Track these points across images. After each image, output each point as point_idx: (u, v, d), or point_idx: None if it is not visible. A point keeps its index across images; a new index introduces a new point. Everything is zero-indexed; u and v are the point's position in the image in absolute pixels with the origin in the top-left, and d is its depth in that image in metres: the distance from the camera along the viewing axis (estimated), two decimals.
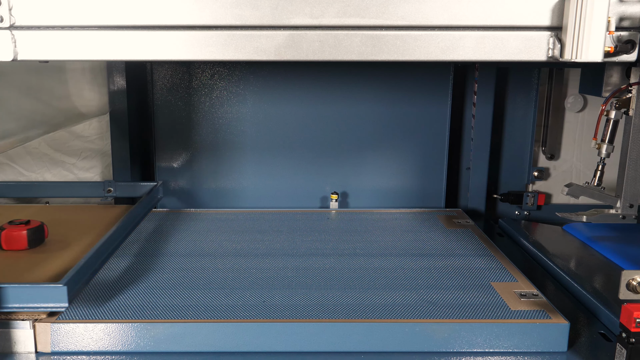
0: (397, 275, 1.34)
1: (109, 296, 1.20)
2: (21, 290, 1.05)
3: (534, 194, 1.98)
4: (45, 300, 1.05)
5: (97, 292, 1.22)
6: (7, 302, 1.05)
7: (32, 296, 1.05)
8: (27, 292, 1.05)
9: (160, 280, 1.29)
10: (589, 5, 0.98)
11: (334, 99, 1.90)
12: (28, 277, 1.23)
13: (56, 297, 1.05)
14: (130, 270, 1.35)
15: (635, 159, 1.54)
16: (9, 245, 1.37)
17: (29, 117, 1.61)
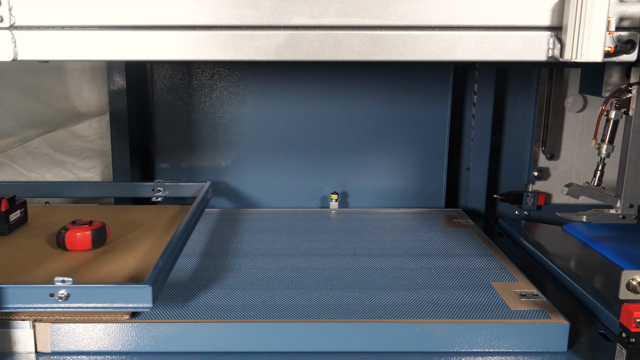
0: (397, 275, 1.34)
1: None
2: (107, 290, 1.06)
3: (534, 194, 1.98)
4: (129, 300, 1.06)
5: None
6: (96, 301, 1.05)
7: (117, 296, 1.05)
8: (113, 292, 1.06)
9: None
10: (589, 5, 0.98)
11: (334, 99, 1.90)
12: (98, 278, 1.23)
13: (141, 297, 1.05)
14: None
15: (635, 159, 1.54)
16: (73, 245, 1.37)
17: (29, 117, 1.61)
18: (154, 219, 1.65)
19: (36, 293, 1.04)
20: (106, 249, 1.40)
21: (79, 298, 1.05)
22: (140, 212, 1.74)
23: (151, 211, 1.74)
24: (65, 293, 1.04)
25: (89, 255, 1.36)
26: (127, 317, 1.09)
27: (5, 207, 1.48)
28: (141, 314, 1.12)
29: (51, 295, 1.04)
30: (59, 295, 1.04)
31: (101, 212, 1.76)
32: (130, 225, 1.57)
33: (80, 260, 1.34)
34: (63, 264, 1.31)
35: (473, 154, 1.92)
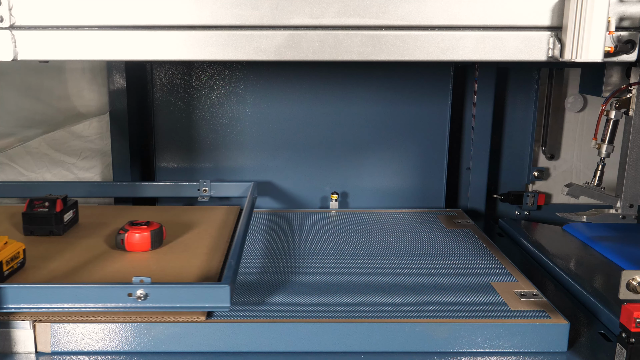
0: (397, 275, 1.34)
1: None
2: (186, 290, 1.06)
3: (534, 194, 1.98)
4: (207, 300, 1.06)
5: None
6: (174, 301, 1.05)
7: (195, 296, 1.06)
8: (191, 292, 1.06)
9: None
10: (589, 5, 0.98)
11: (334, 99, 1.90)
12: (163, 279, 1.23)
13: (219, 297, 1.05)
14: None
15: (635, 159, 1.54)
16: (132, 246, 1.38)
17: (29, 117, 1.61)
18: (204, 220, 1.65)
19: (114, 293, 1.05)
20: (164, 250, 1.41)
21: (157, 298, 1.05)
22: (188, 212, 1.74)
23: (199, 212, 1.74)
24: (143, 293, 1.04)
25: (148, 256, 1.37)
26: (203, 317, 1.09)
27: (60, 207, 1.48)
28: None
29: (129, 295, 1.04)
30: (138, 295, 1.04)
31: (146, 212, 1.74)
32: (181, 226, 1.56)
33: (141, 261, 1.34)
34: (124, 264, 1.32)
35: (473, 154, 1.92)
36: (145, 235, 1.38)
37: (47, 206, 1.47)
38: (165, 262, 1.33)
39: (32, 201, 1.48)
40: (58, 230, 1.48)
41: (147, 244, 1.38)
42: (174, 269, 1.30)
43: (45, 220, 1.47)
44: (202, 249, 1.41)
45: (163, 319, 1.08)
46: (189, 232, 1.54)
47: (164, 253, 1.39)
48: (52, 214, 1.46)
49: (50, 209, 1.46)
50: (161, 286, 1.06)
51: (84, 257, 1.34)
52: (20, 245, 1.24)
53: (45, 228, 1.47)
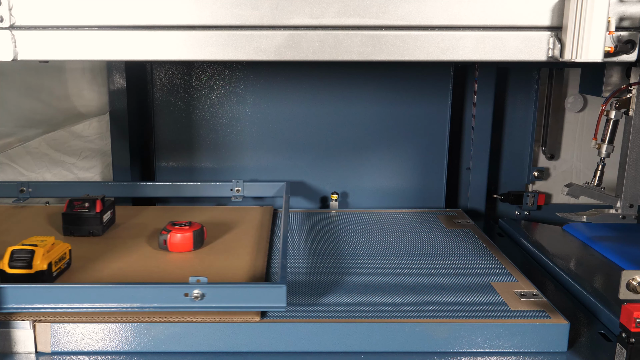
0: (397, 275, 1.34)
1: None
2: (242, 290, 1.07)
3: (534, 194, 1.98)
4: (264, 300, 1.07)
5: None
6: (230, 301, 1.06)
7: (252, 296, 1.06)
8: (248, 292, 1.07)
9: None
10: (589, 5, 0.98)
11: (334, 99, 1.90)
12: (211, 279, 1.21)
13: (275, 297, 1.06)
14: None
15: (635, 159, 1.54)
16: (175, 247, 1.38)
17: (29, 117, 1.61)
18: (240, 220, 1.65)
19: (171, 293, 1.05)
20: (206, 250, 1.41)
21: (213, 298, 1.05)
22: (223, 212, 1.74)
23: (234, 212, 1.74)
24: (200, 293, 1.04)
25: (191, 257, 1.37)
26: (257, 318, 1.09)
27: (99, 207, 1.48)
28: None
29: (185, 295, 1.04)
30: (195, 295, 1.04)
31: (180, 212, 1.74)
32: (217, 226, 1.56)
33: (184, 261, 1.35)
34: (168, 265, 1.32)
35: (473, 154, 1.92)
36: (187, 235, 1.38)
37: (87, 207, 1.47)
38: (209, 263, 1.34)
39: (71, 201, 1.48)
40: (98, 230, 1.49)
41: (189, 245, 1.39)
42: (218, 269, 1.30)
43: (86, 221, 1.47)
44: (243, 249, 1.42)
45: (218, 319, 1.08)
46: (227, 232, 1.54)
47: (206, 253, 1.39)
48: (92, 214, 1.47)
49: (90, 209, 1.47)
50: (218, 286, 1.07)
51: (128, 258, 1.35)
52: (67, 246, 1.25)
53: (85, 228, 1.48)
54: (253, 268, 1.31)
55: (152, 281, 1.21)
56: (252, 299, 1.06)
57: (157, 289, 1.06)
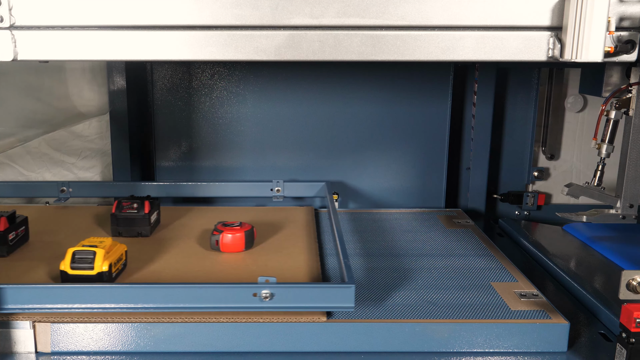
0: (397, 275, 1.33)
1: None
2: (311, 290, 1.07)
3: (534, 194, 1.98)
4: (332, 300, 1.07)
5: None
6: (299, 301, 1.07)
7: (320, 296, 1.07)
8: (317, 292, 1.07)
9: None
10: (589, 5, 0.98)
11: (334, 99, 1.90)
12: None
13: (344, 297, 1.06)
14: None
15: (635, 159, 1.54)
16: (227, 247, 1.38)
17: (29, 117, 1.61)
18: (285, 220, 1.65)
19: (240, 293, 1.05)
20: (257, 251, 1.41)
21: (282, 298, 1.06)
22: (266, 213, 1.74)
23: (276, 212, 1.75)
24: (269, 293, 1.05)
25: (244, 257, 1.37)
26: (324, 318, 1.09)
27: (148, 208, 1.48)
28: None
29: (254, 295, 1.05)
30: (264, 295, 1.05)
31: (224, 213, 1.73)
32: (263, 226, 1.56)
33: (238, 261, 1.35)
34: (223, 265, 1.33)
35: (473, 154, 1.92)
36: (239, 236, 1.39)
37: (136, 207, 1.48)
38: (262, 263, 1.34)
39: (120, 202, 1.49)
40: (146, 231, 1.49)
41: (241, 245, 1.39)
42: (273, 269, 1.30)
43: (134, 222, 1.48)
44: (294, 249, 1.42)
45: (285, 319, 1.08)
46: (274, 232, 1.54)
47: (257, 254, 1.40)
48: (141, 215, 1.48)
49: (139, 210, 1.48)
50: (287, 286, 1.07)
51: (182, 258, 1.36)
52: (124, 247, 1.25)
53: (134, 229, 1.48)
54: (308, 268, 1.31)
55: (210, 281, 1.22)
56: (320, 299, 1.07)
57: (226, 289, 1.06)
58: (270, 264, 1.33)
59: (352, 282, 1.07)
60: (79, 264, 1.14)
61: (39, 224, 1.51)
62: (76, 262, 1.14)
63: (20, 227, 1.40)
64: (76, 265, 1.14)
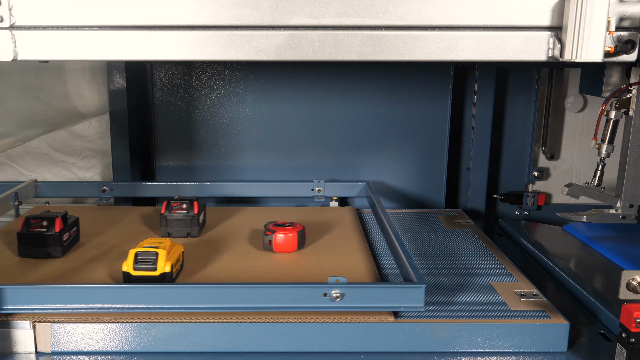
0: (397, 275, 1.33)
1: None
2: (381, 290, 1.08)
3: (534, 194, 1.98)
4: (402, 300, 1.07)
5: None
6: (369, 301, 1.07)
7: (390, 296, 1.07)
8: (386, 292, 1.07)
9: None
10: (589, 5, 0.98)
11: (334, 99, 1.90)
12: (321, 278, 1.23)
13: (414, 297, 1.06)
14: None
15: (635, 159, 1.54)
16: (280, 247, 1.39)
17: (29, 117, 1.61)
18: (330, 220, 1.65)
19: (310, 293, 1.06)
20: (308, 251, 1.42)
21: (352, 298, 1.06)
22: (309, 213, 1.75)
23: (318, 212, 1.75)
24: (339, 293, 1.05)
25: (297, 257, 1.38)
26: (391, 318, 1.09)
27: (197, 209, 1.49)
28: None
29: (324, 295, 1.05)
30: (335, 295, 1.05)
31: (270, 213, 1.73)
32: (310, 226, 1.53)
33: (293, 261, 1.36)
34: (278, 265, 1.33)
35: (473, 154, 1.92)
36: (292, 236, 1.39)
37: (185, 208, 1.48)
38: (316, 263, 1.34)
39: (169, 203, 1.49)
40: (195, 232, 1.49)
41: (293, 245, 1.39)
42: (329, 269, 1.30)
43: (184, 222, 1.48)
44: (345, 250, 1.43)
45: (353, 319, 1.08)
46: (321, 232, 1.54)
47: (310, 254, 1.40)
48: (190, 215, 1.48)
49: (188, 210, 1.48)
50: (357, 286, 1.08)
51: (236, 259, 1.36)
52: (181, 248, 1.26)
53: (184, 230, 1.49)
54: (365, 268, 1.31)
55: (268, 281, 1.22)
56: (390, 299, 1.07)
57: (296, 289, 1.07)
58: (325, 264, 1.33)
59: (421, 282, 1.07)
60: (141, 264, 1.15)
61: (83, 224, 1.50)
62: (139, 263, 1.15)
63: (72, 228, 1.40)
64: (139, 266, 1.14)
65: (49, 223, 1.32)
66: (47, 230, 1.32)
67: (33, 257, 1.32)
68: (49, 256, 1.32)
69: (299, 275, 1.27)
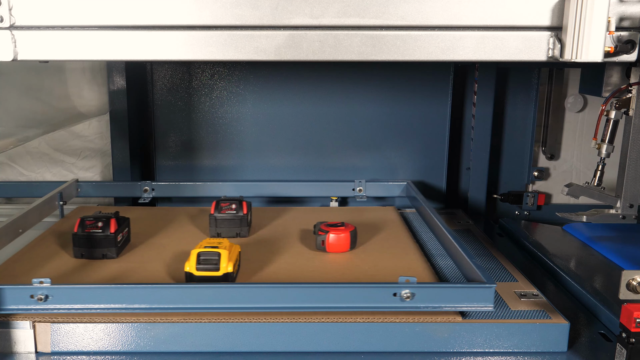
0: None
1: None
2: (452, 290, 1.07)
3: (534, 194, 1.98)
4: (471, 300, 1.07)
5: None
6: (439, 301, 1.07)
7: (461, 296, 1.07)
8: (457, 292, 1.07)
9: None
10: (589, 5, 0.98)
11: (334, 99, 1.90)
12: (375, 278, 1.26)
13: (484, 297, 1.07)
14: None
15: (635, 159, 1.54)
16: (333, 247, 1.39)
17: (29, 117, 1.61)
18: (375, 220, 1.65)
19: (380, 293, 1.07)
20: (361, 251, 1.42)
21: (423, 298, 1.06)
22: (352, 213, 1.74)
23: (362, 212, 1.74)
24: (409, 293, 1.05)
25: (351, 257, 1.38)
26: (459, 318, 1.09)
27: (246, 209, 1.50)
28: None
29: (394, 295, 1.06)
30: (405, 295, 1.05)
31: (314, 214, 1.73)
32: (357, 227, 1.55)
33: (347, 261, 1.36)
34: (332, 264, 1.34)
35: (473, 154, 1.92)
36: (345, 236, 1.39)
37: (234, 208, 1.49)
38: (372, 263, 1.34)
39: (218, 203, 1.50)
40: (245, 232, 1.50)
41: (346, 245, 1.39)
42: (386, 269, 1.31)
43: (234, 223, 1.49)
44: (396, 250, 1.43)
45: (422, 319, 1.08)
46: (368, 232, 1.54)
47: (362, 253, 1.40)
48: (240, 216, 1.49)
49: (237, 211, 1.49)
50: (428, 286, 1.09)
51: (290, 259, 1.37)
52: (238, 248, 1.26)
53: (233, 230, 1.50)
54: (421, 268, 1.31)
55: (326, 281, 1.23)
56: (459, 299, 1.07)
57: (366, 289, 1.07)
58: (380, 264, 1.33)
59: (491, 282, 1.07)
60: (204, 265, 1.15)
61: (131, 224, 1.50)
62: (202, 264, 1.15)
63: (125, 229, 1.40)
64: (202, 267, 1.15)
65: (104, 224, 1.32)
66: (102, 231, 1.32)
67: (88, 258, 1.33)
68: (104, 257, 1.33)
69: (358, 275, 1.27)
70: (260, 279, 1.24)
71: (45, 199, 1.61)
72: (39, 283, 1.04)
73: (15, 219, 1.41)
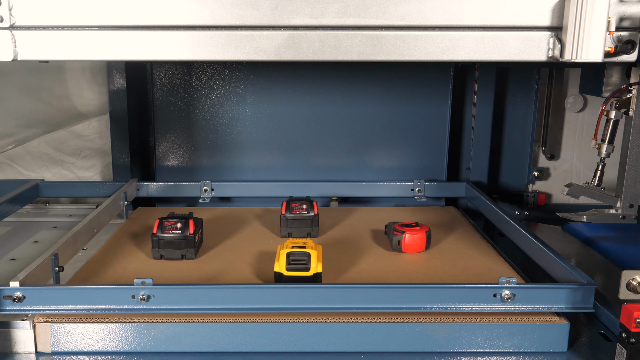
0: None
1: None
2: (550, 291, 1.08)
3: (534, 193, 1.98)
4: (570, 301, 1.07)
5: None
6: (538, 302, 1.07)
7: (558, 297, 1.07)
8: (554, 293, 1.08)
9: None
10: (589, 5, 0.98)
11: (334, 99, 1.90)
12: (452, 278, 1.27)
13: (584, 298, 1.07)
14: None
15: (635, 159, 1.54)
16: (409, 248, 1.39)
17: (29, 116, 1.61)
18: (439, 221, 1.65)
19: (480, 293, 1.07)
20: (435, 251, 1.43)
21: (523, 298, 1.07)
22: (414, 213, 1.75)
23: (424, 212, 1.76)
24: (510, 293, 1.06)
25: (428, 257, 1.39)
26: (557, 319, 1.10)
27: (317, 209, 1.52)
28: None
29: (494, 296, 1.07)
30: (505, 296, 1.06)
31: (377, 214, 1.74)
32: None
33: (425, 261, 1.37)
34: (415, 265, 1.34)
35: (473, 154, 1.92)
36: (421, 236, 1.39)
37: (306, 208, 1.50)
38: (451, 263, 1.34)
39: (289, 203, 1.51)
40: (315, 232, 1.52)
41: (422, 245, 1.40)
42: (465, 269, 1.31)
43: (305, 222, 1.50)
44: (470, 250, 1.44)
45: (519, 320, 1.09)
46: (437, 232, 1.53)
47: (438, 254, 1.41)
48: (311, 216, 1.50)
49: (308, 211, 1.50)
50: (528, 287, 1.08)
51: (367, 259, 1.37)
52: (320, 248, 1.26)
53: (304, 230, 1.51)
54: (502, 268, 1.32)
55: (411, 281, 1.23)
56: (560, 300, 1.07)
57: (466, 290, 1.07)
58: (458, 264, 1.34)
59: (591, 283, 1.07)
60: (294, 265, 1.15)
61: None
62: (292, 264, 1.15)
63: (199, 230, 1.41)
64: (292, 267, 1.15)
65: (183, 225, 1.33)
66: (181, 232, 1.32)
67: (167, 259, 1.33)
68: (183, 258, 1.33)
69: (441, 276, 1.28)
70: (345, 280, 1.25)
71: (112, 199, 1.62)
72: (140, 283, 1.04)
73: (92, 219, 1.44)
